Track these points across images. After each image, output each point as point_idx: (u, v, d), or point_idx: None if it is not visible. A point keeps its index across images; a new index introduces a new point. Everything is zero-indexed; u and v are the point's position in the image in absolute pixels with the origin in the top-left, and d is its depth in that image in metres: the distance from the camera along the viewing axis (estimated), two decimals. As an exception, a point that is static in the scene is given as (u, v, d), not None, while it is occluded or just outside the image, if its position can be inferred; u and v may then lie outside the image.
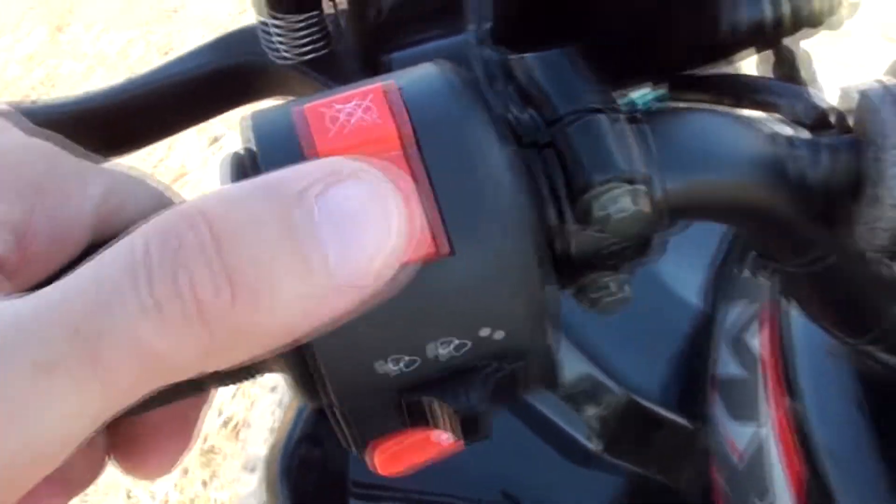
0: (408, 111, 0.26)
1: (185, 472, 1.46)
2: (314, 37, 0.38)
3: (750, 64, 0.40)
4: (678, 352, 0.65)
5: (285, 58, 0.39)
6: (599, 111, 0.29)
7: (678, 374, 0.65)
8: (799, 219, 0.34)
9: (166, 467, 0.30)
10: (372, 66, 0.37)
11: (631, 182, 0.28)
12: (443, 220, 0.25)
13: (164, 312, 0.20)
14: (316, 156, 0.25)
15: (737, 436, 0.56)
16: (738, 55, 0.38)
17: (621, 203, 0.28)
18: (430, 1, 0.37)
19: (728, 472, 0.56)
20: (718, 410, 0.58)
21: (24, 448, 0.20)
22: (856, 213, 0.33)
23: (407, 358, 0.26)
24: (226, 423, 1.50)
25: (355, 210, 0.21)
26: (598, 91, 0.30)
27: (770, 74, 0.40)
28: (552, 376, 0.29)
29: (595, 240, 0.29)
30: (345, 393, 0.26)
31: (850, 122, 0.34)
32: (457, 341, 0.26)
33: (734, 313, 0.62)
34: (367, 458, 0.29)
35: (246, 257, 0.20)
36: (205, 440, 1.50)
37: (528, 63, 0.31)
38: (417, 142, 0.25)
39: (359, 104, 0.26)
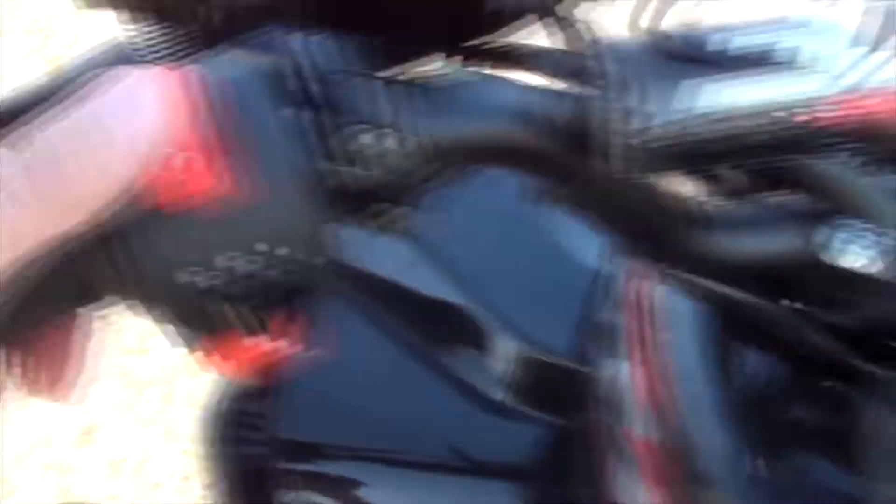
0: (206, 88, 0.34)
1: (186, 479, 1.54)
2: (168, 44, 0.47)
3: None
4: (575, 308, 0.72)
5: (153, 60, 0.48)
6: (352, 76, 0.37)
7: (574, 327, 0.72)
8: (556, 153, 0.41)
9: (63, 389, 0.39)
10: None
11: (377, 126, 0.36)
12: (229, 166, 0.33)
13: (15, 195, 0.29)
14: None
15: (607, 369, 0.63)
16: (518, 25, 0.46)
17: (367, 142, 0.36)
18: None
19: (600, 403, 0.63)
20: (596, 352, 0.65)
21: None
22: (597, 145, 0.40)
23: (201, 270, 0.34)
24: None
25: (122, 100, 0.30)
26: (357, 62, 0.38)
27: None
28: (323, 284, 0.37)
29: (363, 176, 0.37)
30: (153, 298, 0.34)
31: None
32: (244, 256, 0.34)
33: (615, 266, 0.69)
34: (202, 358, 0.37)
35: (49, 151, 0.29)
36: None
37: (312, 45, 0.39)
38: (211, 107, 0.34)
39: None
